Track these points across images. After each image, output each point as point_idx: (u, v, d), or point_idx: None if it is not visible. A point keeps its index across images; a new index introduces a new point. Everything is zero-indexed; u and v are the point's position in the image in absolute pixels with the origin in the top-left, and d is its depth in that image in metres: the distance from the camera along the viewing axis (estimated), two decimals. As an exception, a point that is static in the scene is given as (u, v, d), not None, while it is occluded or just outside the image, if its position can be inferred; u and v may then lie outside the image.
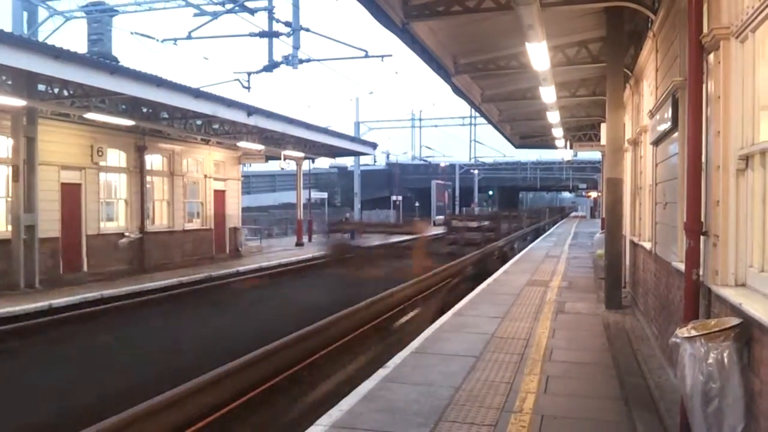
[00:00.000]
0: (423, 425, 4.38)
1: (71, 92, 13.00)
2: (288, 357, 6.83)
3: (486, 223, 25.65)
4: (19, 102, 11.62)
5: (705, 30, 4.04)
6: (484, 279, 12.73)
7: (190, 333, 9.52)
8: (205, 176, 19.82)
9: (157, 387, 5.42)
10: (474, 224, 25.16)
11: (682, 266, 4.46)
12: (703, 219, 4.10)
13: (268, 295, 13.73)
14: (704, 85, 4.10)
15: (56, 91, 12.86)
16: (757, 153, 3.54)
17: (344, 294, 11.20)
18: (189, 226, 19.05)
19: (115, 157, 16.04)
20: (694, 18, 4.09)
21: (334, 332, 8.08)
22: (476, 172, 62.41)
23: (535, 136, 23.82)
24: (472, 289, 11.33)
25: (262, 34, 17.56)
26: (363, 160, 49.77)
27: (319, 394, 6.52)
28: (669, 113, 5.60)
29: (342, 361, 7.69)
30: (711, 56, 3.99)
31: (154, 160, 17.65)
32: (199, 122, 17.19)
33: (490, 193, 72.15)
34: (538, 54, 8.05)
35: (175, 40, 17.91)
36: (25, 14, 19.27)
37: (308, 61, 18.96)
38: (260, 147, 19.95)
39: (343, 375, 7.17)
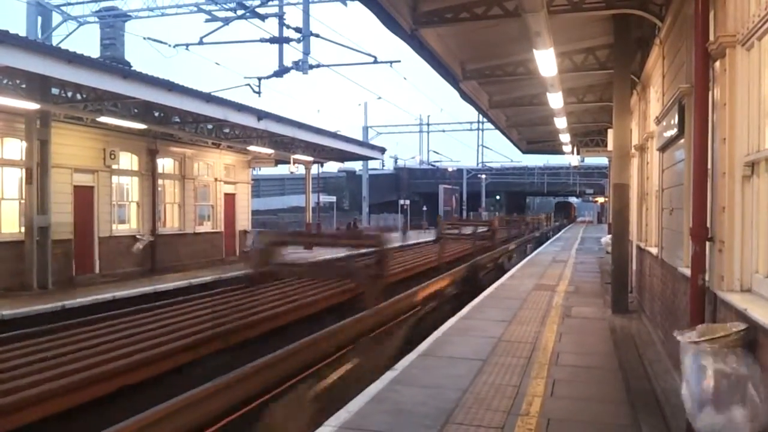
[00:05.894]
0: (430, 427, 4.43)
1: (84, 96, 13.16)
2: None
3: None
4: (32, 105, 11.78)
5: (711, 38, 4.09)
6: None
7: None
8: (216, 180, 19.96)
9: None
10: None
11: (688, 271, 4.50)
12: (708, 225, 4.14)
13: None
14: (710, 92, 4.15)
15: (69, 94, 13.02)
16: (762, 159, 3.58)
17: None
18: (199, 228, 19.18)
19: (127, 160, 16.20)
20: (701, 26, 4.14)
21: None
22: (483, 176, 62.35)
23: (542, 142, 23.81)
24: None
25: (272, 40, 17.75)
26: (371, 164, 49.89)
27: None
28: (675, 120, 5.64)
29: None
30: (717, 64, 4.04)
31: (165, 164, 17.80)
32: (210, 126, 17.32)
33: (498, 197, 72.08)
34: (546, 60, 8.11)
35: (187, 45, 18.14)
36: (40, 19, 19.54)
37: (318, 66, 19.14)
38: (270, 151, 20.06)
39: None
